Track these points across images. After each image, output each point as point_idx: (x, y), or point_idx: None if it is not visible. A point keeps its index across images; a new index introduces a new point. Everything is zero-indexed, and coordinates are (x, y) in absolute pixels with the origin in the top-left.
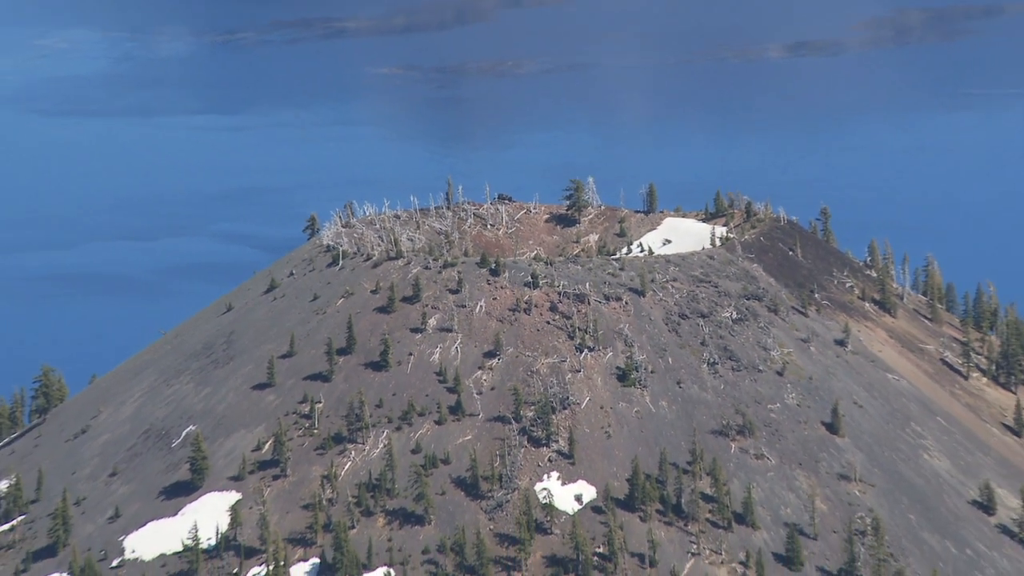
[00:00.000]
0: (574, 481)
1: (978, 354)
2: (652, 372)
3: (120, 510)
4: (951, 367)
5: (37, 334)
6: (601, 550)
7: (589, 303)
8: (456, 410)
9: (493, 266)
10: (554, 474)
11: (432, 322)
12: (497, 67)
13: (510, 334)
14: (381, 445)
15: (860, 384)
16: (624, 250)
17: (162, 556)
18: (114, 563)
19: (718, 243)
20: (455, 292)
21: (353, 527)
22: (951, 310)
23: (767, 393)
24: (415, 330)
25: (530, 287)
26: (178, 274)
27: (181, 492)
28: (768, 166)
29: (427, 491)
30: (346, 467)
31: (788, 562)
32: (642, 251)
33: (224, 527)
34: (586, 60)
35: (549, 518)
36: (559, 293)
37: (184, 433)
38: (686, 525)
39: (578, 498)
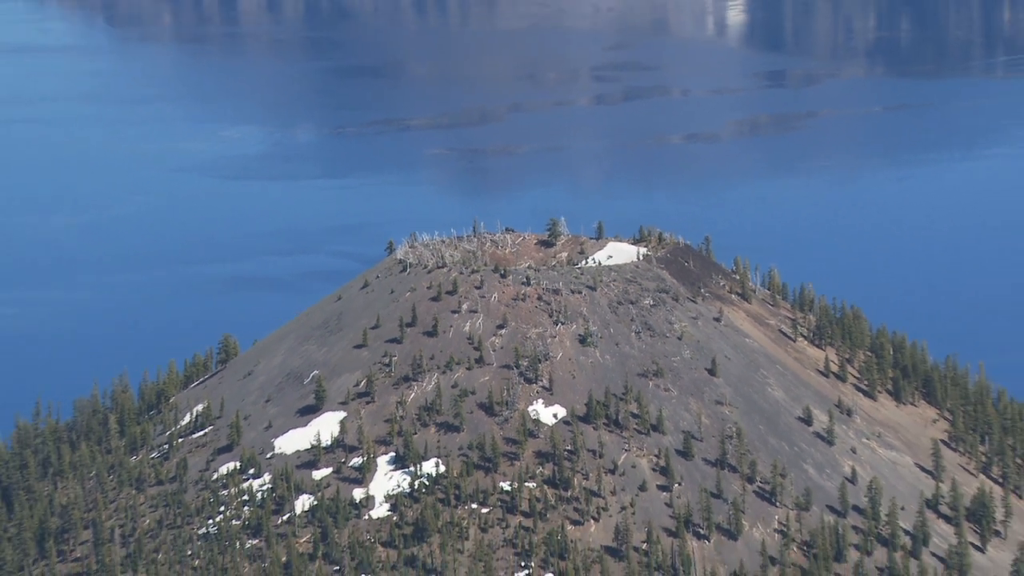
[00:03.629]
0: (552, 405)
1: (801, 327)
2: (601, 338)
3: (271, 423)
4: (785, 334)
5: (221, 315)
6: (569, 448)
7: (562, 295)
8: (479, 361)
9: (502, 272)
10: (539, 401)
11: (464, 307)
12: (506, 149)
13: (513, 314)
14: (433, 383)
15: (729, 345)
16: (583, 263)
17: (297, 451)
18: (268, 456)
19: (641, 258)
20: (479, 288)
21: (416, 433)
22: (785, 299)
23: (671, 351)
24: (454, 311)
25: (525, 285)
26: (307, 277)
27: (309, 412)
28: (672, 211)
29: (462, 411)
30: (411, 396)
31: (685, 455)
32: (594, 263)
33: (336, 433)
34: (561, 145)
35: (537, 427)
36: (543, 289)
37: (311, 375)
38: (622, 432)
39: (555, 415)
